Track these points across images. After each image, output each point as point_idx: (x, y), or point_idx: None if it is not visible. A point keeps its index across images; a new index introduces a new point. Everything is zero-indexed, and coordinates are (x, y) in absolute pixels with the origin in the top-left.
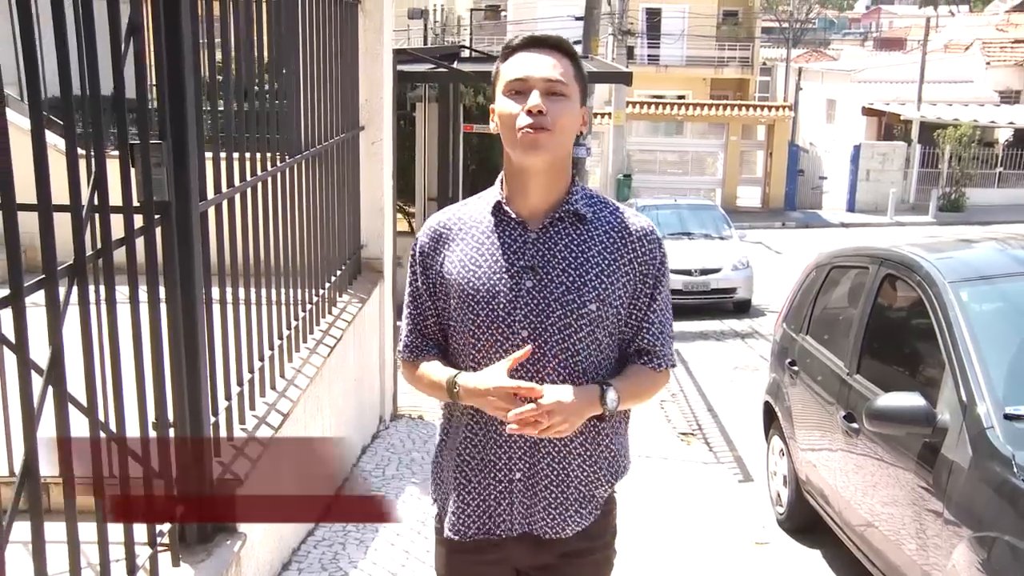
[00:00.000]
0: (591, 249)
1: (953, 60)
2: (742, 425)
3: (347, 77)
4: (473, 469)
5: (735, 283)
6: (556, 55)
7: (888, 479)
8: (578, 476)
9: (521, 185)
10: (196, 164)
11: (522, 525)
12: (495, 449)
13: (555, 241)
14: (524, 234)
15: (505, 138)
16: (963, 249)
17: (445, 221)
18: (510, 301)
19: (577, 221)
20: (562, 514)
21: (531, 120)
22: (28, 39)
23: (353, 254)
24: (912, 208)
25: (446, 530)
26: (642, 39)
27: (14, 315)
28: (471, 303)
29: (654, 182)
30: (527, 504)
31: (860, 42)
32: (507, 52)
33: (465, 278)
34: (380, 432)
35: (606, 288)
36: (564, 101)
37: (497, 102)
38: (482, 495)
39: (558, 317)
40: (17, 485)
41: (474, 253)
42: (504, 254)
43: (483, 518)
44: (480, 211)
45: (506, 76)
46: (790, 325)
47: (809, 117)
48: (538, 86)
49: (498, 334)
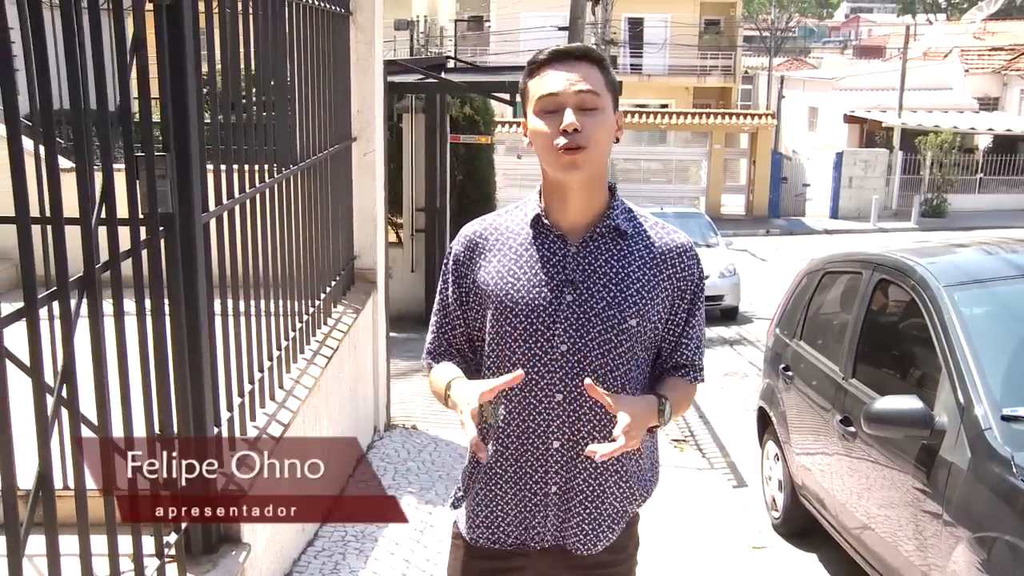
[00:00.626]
0: (631, 264)
1: (932, 68)
2: (734, 431)
3: (340, 89)
4: (508, 481)
5: (722, 290)
6: (584, 65)
7: (885, 481)
8: (613, 492)
9: (560, 199)
10: (199, 176)
11: (555, 537)
12: (532, 462)
13: (595, 256)
14: (564, 248)
15: (541, 156)
16: (953, 253)
17: (482, 231)
18: (550, 315)
19: (618, 236)
20: (595, 529)
21: (567, 140)
22: (40, 56)
23: (347, 265)
24: (895, 214)
25: (478, 538)
26: (625, 48)
27: (28, 328)
28: (510, 315)
29: (638, 191)
30: (561, 518)
31: (840, 50)
32: (533, 68)
33: (504, 290)
34: (375, 442)
35: (646, 304)
36: (598, 114)
37: (529, 120)
38: (518, 507)
39: (598, 332)
40: (32, 498)
41: (512, 265)
42: (544, 267)
43: (520, 529)
44: (518, 222)
45: (536, 93)
46: (783, 331)
47: (791, 125)
48: (570, 102)
49: (537, 348)
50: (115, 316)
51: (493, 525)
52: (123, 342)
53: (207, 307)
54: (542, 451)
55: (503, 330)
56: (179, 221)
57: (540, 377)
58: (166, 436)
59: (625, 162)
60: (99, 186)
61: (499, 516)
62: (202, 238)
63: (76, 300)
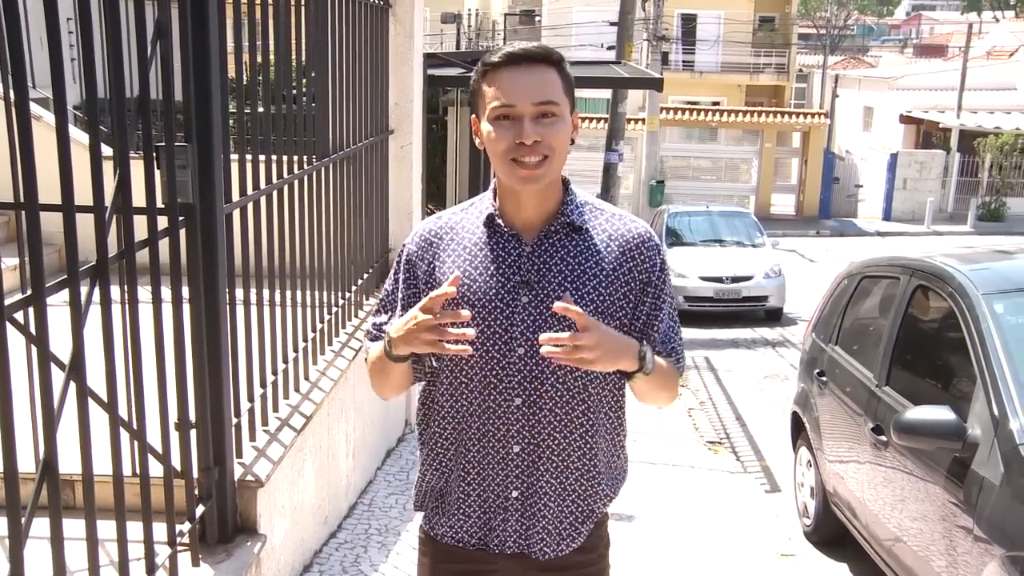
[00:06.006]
0: (588, 260)
1: (996, 67)
2: (771, 435)
3: (377, 81)
4: (470, 483)
5: (767, 291)
6: (541, 69)
7: (917, 493)
8: (576, 491)
9: (514, 200)
10: (221, 167)
11: (517, 544)
12: (493, 465)
13: (551, 255)
14: (519, 247)
15: (494, 162)
16: (999, 260)
17: (436, 230)
18: (507, 317)
19: (573, 232)
20: (561, 533)
21: (524, 153)
22: (55, 41)
23: (381, 257)
24: (950, 217)
25: (443, 535)
26: (677, 45)
27: (35, 313)
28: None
29: (687, 188)
30: (525, 525)
31: (900, 49)
32: (487, 69)
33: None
34: (406, 435)
35: (605, 300)
36: (557, 121)
37: (483, 125)
38: (480, 508)
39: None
40: (37, 481)
41: (467, 266)
42: (499, 268)
43: (483, 530)
44: (472, 220)
45: (491, 100)
46: (819, 335)
47: (845, 124)
48: (527, 112)
49: (494, 351)
50: (129, 303)
51: (456, 525)
52: (137, 330)
53: (229, 297)
54: (502, 455)
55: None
56: (200, 212)
57: (499, 381)
58: (183, 425)
59: (674, 159)
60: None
61: (461, 519)
62: (224, 228)
63: (89, 288)
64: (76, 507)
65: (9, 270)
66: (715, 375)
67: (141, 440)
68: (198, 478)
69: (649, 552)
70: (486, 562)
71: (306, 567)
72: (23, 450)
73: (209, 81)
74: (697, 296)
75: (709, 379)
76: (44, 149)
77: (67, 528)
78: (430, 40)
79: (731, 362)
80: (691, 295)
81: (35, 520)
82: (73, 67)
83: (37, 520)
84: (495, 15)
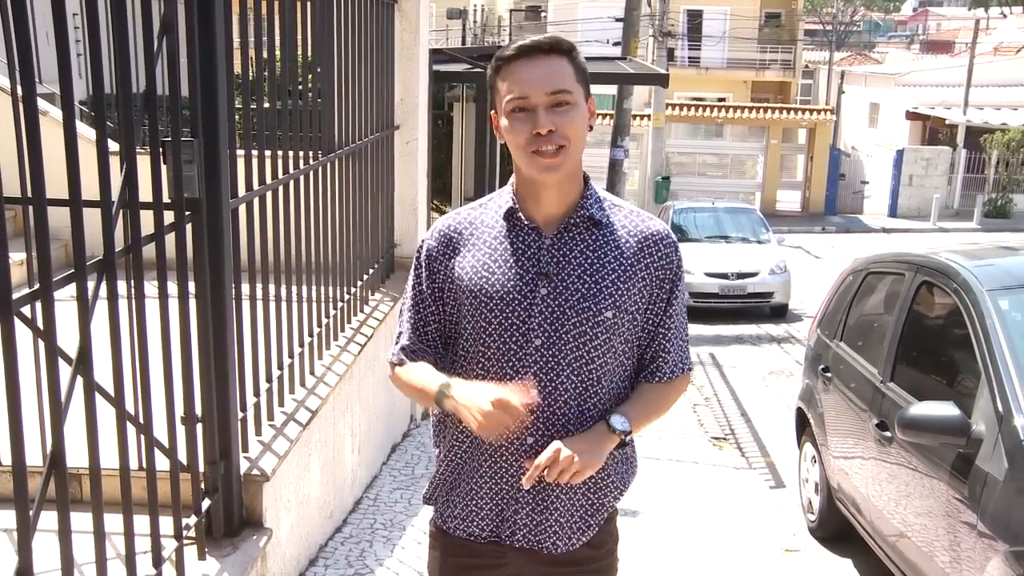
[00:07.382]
0: (607, 255)
1: (1003, 63)
2: (776, 430)
3: (383, 76)
4: (484, 475)
5: (772, 287)
6: (553, 59)
7: (921, 489)
8: (587, 484)
9: (534, 193)
10: (227, 162)
11: (527, 539)
12: (507, 457)
13: (570, 247)
14: (538, 240)
15: (515, 155)
16: (1005, 257)
17: (455, 224)
18: (525, 309)
19: (592, 226)
20: (572, 526)
21: (542, 143)
22: (62, 36)
23: (386, 253)
24: (956, 214)
25: (455, 528)
26: (683, 41)
27: (43, 308)
28: (484, 310)
29: (693, 184)
30: (536, 520)
31: (906, 45)
32: (500, 64)
33: (478, 284)
34: (411, 431)
35: (622, 294)
36: (571, 109)
37: (501, 120)
38: (493, 499)
39: (573, 325)
40: (44, 475)
41: (486, 259)
42: (518, 260)
43: (496, 522)
44: (491, 215)
45: (506, 94)
46: (824, 331)
47: (851, 121)
48: (542, 103)
49: (512, 342)
50: (136, 298)
51: (468, 518)
52: (143, 324)
53: (235, 291)
54: (517, 447)
55: (478, 324)
56: (206, 207)
57: (515, 372)
58: (190, 419)
59: (680, 155)
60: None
61: (474, 511)
62: (230, 224)
63: (95, 283)
64: (83, 500)
65: (16, 265)
66: (720, 371)
67: (148, 434)
68: (204, 472)
69: (654, 547)
70: (496, 556)
71: (312, 561)
72: (31, 444)
73: (215, 76)
74: (702, 292)
75: (714, 375)
76: (51, 144)
77: (74, 521)
78: (436, 36)
79: (736, 358)
80: (696, 291)
81: (43, 513)
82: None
83: (45, 513)
84: (501, 11)
